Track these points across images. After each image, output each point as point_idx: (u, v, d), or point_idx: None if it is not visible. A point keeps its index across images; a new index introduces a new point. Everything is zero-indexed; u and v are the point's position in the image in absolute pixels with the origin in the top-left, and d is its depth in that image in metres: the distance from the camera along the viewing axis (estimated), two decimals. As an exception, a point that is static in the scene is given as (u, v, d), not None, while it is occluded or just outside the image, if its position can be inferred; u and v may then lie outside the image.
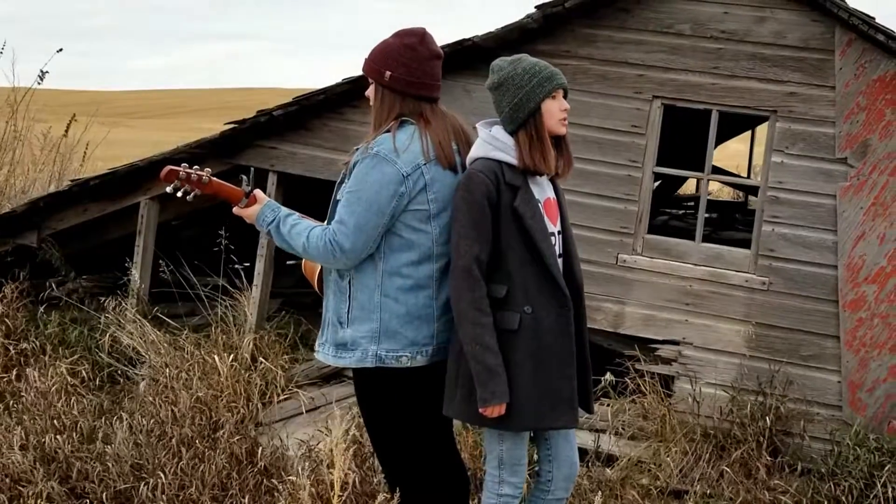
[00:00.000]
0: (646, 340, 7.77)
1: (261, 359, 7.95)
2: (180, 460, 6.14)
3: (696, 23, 7.59)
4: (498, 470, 4.77)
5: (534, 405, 4.56)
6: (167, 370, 7.55)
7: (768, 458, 6.93)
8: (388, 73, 4.53)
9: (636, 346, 7.69)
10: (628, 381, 7.57)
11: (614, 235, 7.70)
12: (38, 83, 12.13)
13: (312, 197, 7.30)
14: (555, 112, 4.61)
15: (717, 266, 7.64)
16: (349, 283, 4.56)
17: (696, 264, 7.68)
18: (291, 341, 8.79)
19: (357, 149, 4.57)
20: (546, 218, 4.66)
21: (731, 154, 21.38)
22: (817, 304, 7.42)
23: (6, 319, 8.39)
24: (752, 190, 13.45)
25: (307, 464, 6.33)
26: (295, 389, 8.01)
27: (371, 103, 4.66)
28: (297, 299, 10.32)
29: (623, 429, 7.37)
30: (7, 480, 6.11)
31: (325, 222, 4.71)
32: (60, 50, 11.95)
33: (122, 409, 7.26)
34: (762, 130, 15.30)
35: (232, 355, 7.63)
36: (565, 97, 4.67)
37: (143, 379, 7.39)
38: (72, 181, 9.21)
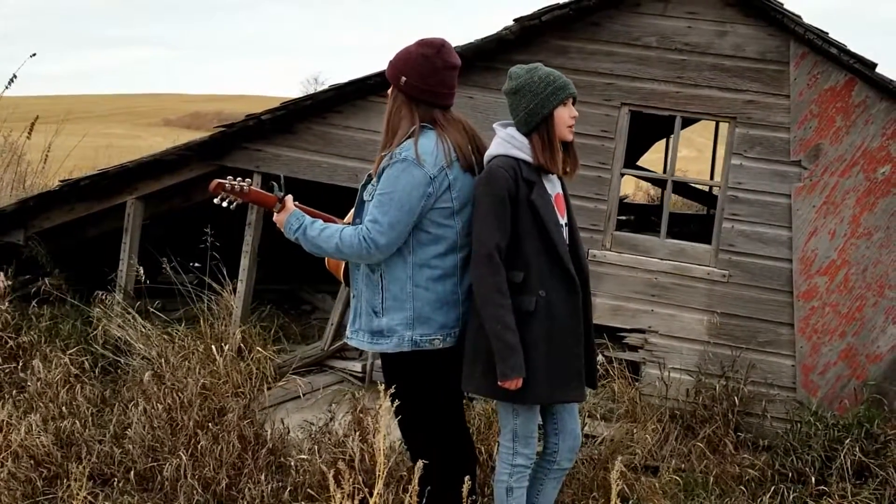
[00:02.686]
0: (614, 329, 8.08)
1: (258, 348, 8.11)
2: (198, 442, 6.32)
3: (662, 36, 7.90)
4: (512, 442, 5.04)
5: (547, 380, 4.83)
6: (162, 360, 7.68)
7: (734, 436, 7.32)
8: (403, 79, 4.80)
9: (605, 334, 8.00)
10: (598, 367, 7.88)
11: (585, 232, 7.89)
12: (6, 88, 12.10)
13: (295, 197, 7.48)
14: (565, 118, 4.90)
15: (680, 260, 7.97)
16: (380, 276, 4.83)
17: (661, 258, 7.99)
18: (274, 333, 8.97)
19: (384, 155, 4.81)
20: (556, 211, 4.98)
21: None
22: (773, 295, 7.77)
23: (7, 313, 8.44)
24: (677, 187, 13.87)
25: (317, 444, 6.54)
26: (292, 376, 8.21)
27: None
28: (263, 295, 10.49)
29: (594, 410, 7.68)
30: (31, 462, 6.24)
31: (352, 219, 4.99)
32: (34, 55, 11.91)
33: (122, 397, 7.36)
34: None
35: (227, 345, 7.79)
36: (573, 105, 4.98)
37: (147, 369, 7.50)
38: (61, 181, 9.26)
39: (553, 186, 5.00)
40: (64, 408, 6.89)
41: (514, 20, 7.92)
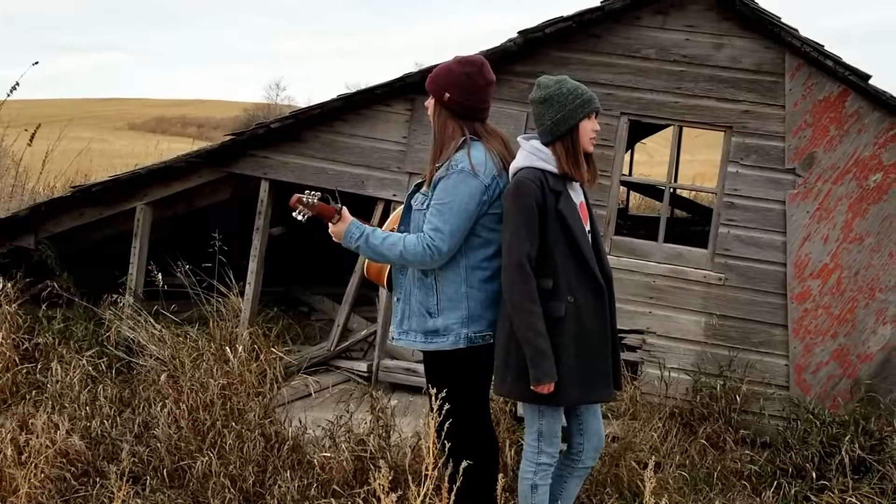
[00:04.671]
0: (613, 330, 8.10)
1: (272, 349, 8.07)
2: (224, 441, 6.27)
3: (660, 48, 7.96)
4: (537, 442, 5.06)
5: (577, 382, 4.87)
6: (176, 361, 7.63)
7: (733, 433, 7.36)
8: (447, 95, 4.91)
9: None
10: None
11: (586, 237, 8.00)
12: (9, 94, 11.96)
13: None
14: (588, 131, 4.94)
15: (677, 264, 8.03)
16: (434, 279, 4.92)
17: (659, 262, 8.05)
18: (280, 334, 8.92)
19: (437, 166, 4.90)
20: (581, 219, 4.99)
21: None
22: (767, 297, 7.85)
23: (18, 315, 8.35)
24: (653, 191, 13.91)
25: (339, 442, 6.51)
26: (301, 376, 8.19)
27: (429, 114, 5.03)
28: (260, 297, 10.44)
29: (596, 409, 7.69)
30: (64, 461, 6.17)
31: (398, 227, 5.03)
32: (36, 63, 11.78)
33: (140, 398, 7.29)
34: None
35: (241, 346, 7.74)
36: (596, 118, 5.01)
37: (162, 370, 7.44)
38: (73, 187, 9.20)
39: (577, 195, 5.03)
40: (87, 408, 6.81)
41: (518, 32, 7.95)
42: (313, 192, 4.91)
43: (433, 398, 4.74)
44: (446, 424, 5.00)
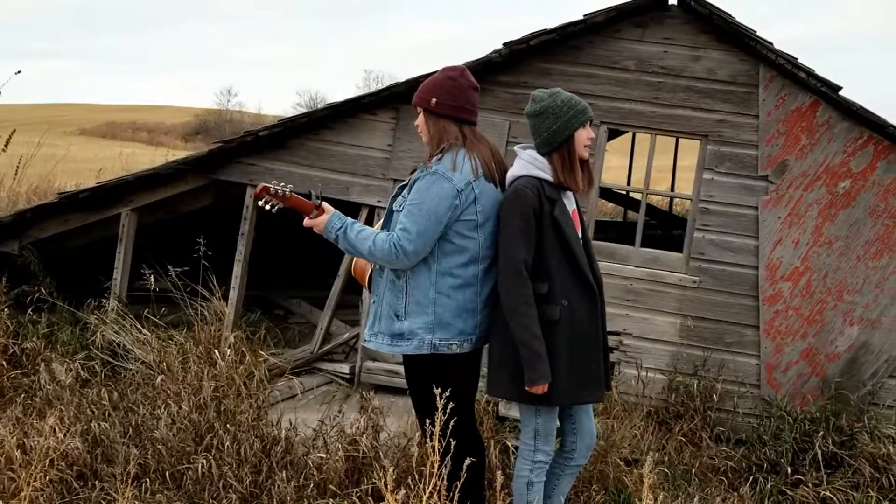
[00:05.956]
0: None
1: (260, 351, 8.13)
2: (221, 443, 6.33)
3: (639, 60, 8.13)
4: (533, 441, 5.18)
5: (570, 383, 4.99)
6: (163, 364, 7.67)
7: (709, 430, 7.54)
8: (434, 100, 4.99)
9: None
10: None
11: (566, 242, 8.14)
12: (-7, 101, 11.90)
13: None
14: (583, 139, 5.07)
15: (654, 267, 8.21)
16: (405, 282, 4.96)
17: (636, 266, 8.23)
18: (263, 338, 8.98)
19: (416, 169, 5.01)
20: (574, 226, 5.13)
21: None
22: (740, 299, 8.05)
23: (5, 320, 8.35)
24: (615, 196, 14.14)
25: (332, 443, 6.59)
26: (286, 377, 8.27)
27: (420, 132, 5.11)
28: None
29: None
30: (62, 464, 6.20)
31: (381, 228, 5.12)
32: (19, 72, 11.71)
33: (128, 400, 7.33)
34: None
35: (230, 349, 7.79)
36: (590, 126, 5.15)
37: (149, 374, 7.49)
38: (59, 194, 9.22)
39: (570, 203, 5.16)
40: (88, 410, 6.86)
41: (503, 44, 8.09)
42: (284, 185, 4.98)
43: (437, 398, 4.87)
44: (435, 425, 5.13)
